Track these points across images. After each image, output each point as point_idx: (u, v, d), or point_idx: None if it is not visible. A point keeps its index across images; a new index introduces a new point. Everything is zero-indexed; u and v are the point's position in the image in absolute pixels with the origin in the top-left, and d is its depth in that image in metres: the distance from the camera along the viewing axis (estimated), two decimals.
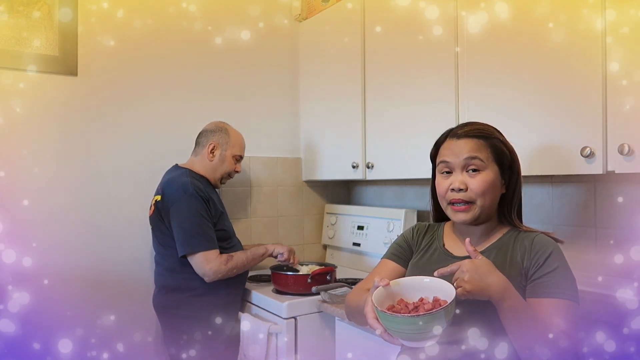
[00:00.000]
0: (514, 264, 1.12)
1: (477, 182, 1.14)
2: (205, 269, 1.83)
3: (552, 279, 1.08)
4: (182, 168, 2.02)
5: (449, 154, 1.18)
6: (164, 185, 1.94)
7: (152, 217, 1.96)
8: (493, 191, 1.15)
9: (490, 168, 1.15)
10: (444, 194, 1.19)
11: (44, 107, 1.97)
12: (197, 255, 1.83)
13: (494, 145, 1.16)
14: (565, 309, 1.05)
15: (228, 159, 2.06)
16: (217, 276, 1.84)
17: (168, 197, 1.89)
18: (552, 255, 1.09)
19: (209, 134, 2.06)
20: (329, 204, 2.66)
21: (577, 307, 1.07)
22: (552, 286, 1.07)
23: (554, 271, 1.08)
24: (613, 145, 1.29)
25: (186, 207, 1.85)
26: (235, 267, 1.88)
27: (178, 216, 1.86)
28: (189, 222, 1.84)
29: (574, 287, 1.08)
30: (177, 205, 1.86)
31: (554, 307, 1.05)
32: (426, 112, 1.83)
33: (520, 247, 1.14)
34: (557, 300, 1.06)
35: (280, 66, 2.55)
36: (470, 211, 1.15)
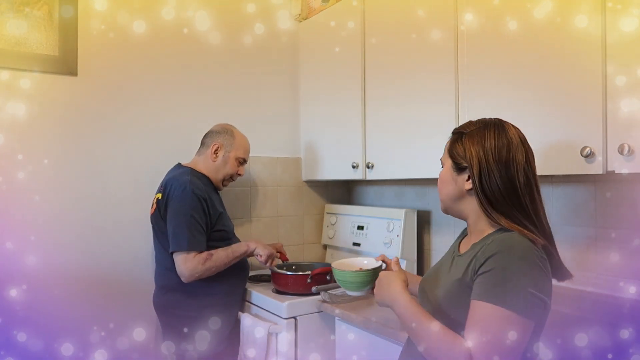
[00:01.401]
0: (469, 269, 1.08)
1: (438, 179, 1.24)
2: (182, 269, 1.83)
3: (482, 280, 1.02)
4: (185, 167, 2.02)
5: None
6: (165, 184, 1.94)
7: (153, 215, 1.97)
8: (445, 186, 1.20)
9: (446, 164, 1.20)
10: None
11: (44, 107, 1.97)
12: (178, 255, 1.84)
13: (452, 140, 1.20)
14: (482, 311, 0.99)
15: (231, 160, 2.06)
16: (194, 276, 1.84)
17: (167, 195, 1.89)
18: (495, 256, 1.01)
19: (214, 135, 2.07)
20: (329, 204, 2.66)
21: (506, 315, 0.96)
22: (478, 288, 1.02)
23: (487, 272, 1.01)
24: (613, 145, 1.29)
25: (180, 206, 1.86)
26: (214, 265, 1.87)
27: (172, 214, 1.87)
28: (178, 221, 1.85)
29: (510, 293, 0.97)
30: (173, 203, 1.87)
31: (472, 310, 1.01)
32: (426, 112, 1.84)
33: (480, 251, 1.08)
34: (475, 302, 1.01)
35: (280, 66, 2.55)
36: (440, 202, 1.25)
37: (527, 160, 1.11)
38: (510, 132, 1.13)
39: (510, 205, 1.09)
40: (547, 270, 1.04)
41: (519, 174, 1.10)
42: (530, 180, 1.11)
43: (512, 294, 0.97)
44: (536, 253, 1.03)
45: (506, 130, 1.13)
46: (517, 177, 1.09)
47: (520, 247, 1.02)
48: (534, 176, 1.12)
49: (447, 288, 1.13)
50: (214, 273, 1.88)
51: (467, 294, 1.05)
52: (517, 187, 1.09)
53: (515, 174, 1.09)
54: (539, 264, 1.01)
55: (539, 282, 1.00)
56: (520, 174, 1.10)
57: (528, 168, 1.11)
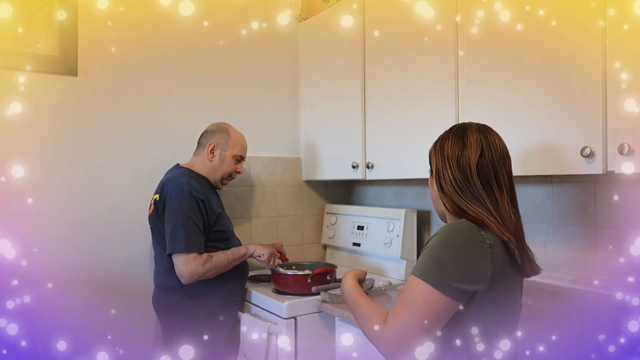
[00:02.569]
0: None
1: None
2: (182, 270, 1.82)
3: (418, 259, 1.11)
4: (183, 168, 2.02)
5: None
6: (162, 185, 1.94)
7: (151, 216, 1.96)
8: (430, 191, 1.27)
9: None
10: None
11: (44, 107, 1.97)
12: (177, 256, 1.83)
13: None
14: (409, 284, 1.08)
15: (228, 159, 2.05)
16: (194, 277, 1.83)
17: (165, 196, 1.89)
18: (433, 238, 1.10)
19: (209, 134, 2.06)
20: (329, 204, 2.66)
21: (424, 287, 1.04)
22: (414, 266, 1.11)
23: (423, 250, 1.11)
24: (613, 145, 1.29)
25: (177, 207, 1.85)
26: (214, 267, 1.86)
27: (169, 215, 1.86)
28: (176, 222, 1.84)
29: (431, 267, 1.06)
30: (171, 205, 1.86)
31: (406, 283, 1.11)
32: (426, 112, 1.84)
33: None
34: (410, 277, 1.10)
35: (280, 66, 2.55)
36: None
37: (483, 156, 1.15)
38: (469, 134, 1.19)
39: (467, 199, 1.14)
40: (487, 254, 1.06)
41: (471, 169, 1.15)
42: (487, 175, 1.15)
43: (432, 269, 1.05)
44: (474, 236, 1.07)
45: (466, 132, 1.19)
46: (470, 172, 1.15)
47: (457, 230, 1.09)
48: (495, 172, 1.16)
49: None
50: (214, 275, 1.88)
51: None
52: (471, 182, 1.15)
53: (468, 169, 1.15)
54: (474, 247, 1.06)
55: (469, 263, 1.06)
56: (473, 169, 1.15)
57: (485, 163, 1.15)
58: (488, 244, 1.06)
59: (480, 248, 1.06)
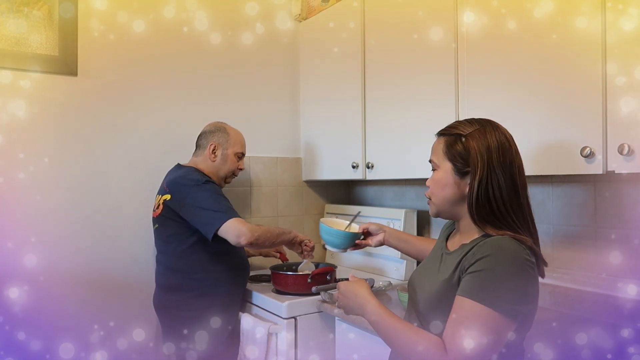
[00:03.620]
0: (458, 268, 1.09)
1: (430, 181, 1.21)
2: (242, 229, 1.76)
3: (473, 278, 1.02)
4: (186, 166, 2.02)
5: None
6: (172, 184, 1.92)
7: (158, 216, 1.94)
8: (442, 189, 1.16)
9: (442, 166, 1.16)
10: None
11: (44, 107, 1.97)
12: (227, 224, 1.77)
13: (448, 143, 1.16)
14: (473, 312, 0.99)
15: (230, 157, 2.06)
16: (254, 234, 1.77)
17: (180, 192, 1.87)
18: (487, 258, 1.02)
19: (208, 135, 2.06)
20: (329, 204, 2.66)
21: (495, 316, 0.98)
22: (466, 285, 1.03)
23: (479, 272, 1.01)
24: (613, 145, 1.29)
25: (202, 191, 1.84)
26: (268, 230, 1.86)
27: (196, 202, 1.83)
28: (208, 202, 1.82)
29: (501, 296, 0.99)
30: (193, 195, 1.84)
31: (460, 306, 1.02)
32: (426, 112, 1.84)
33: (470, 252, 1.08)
34: (461, 298, 1.02)
35: (280, 66, 2.55)
36: (430, 206, 1.23)
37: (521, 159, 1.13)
38: (506, 133, 1.14)
39: (510, 207, 1.09)
40: (535, 272, 1.05)
41: (520, 175, 1.11)
42: (525, 179, 1.13)
43: (499, 296, 0.99)
44: (525, 257, 1.03)
45: (502, 130, 1.14)
46: (519, 178, 1.10)
47: (510, 251, 1.03)
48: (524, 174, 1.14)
49: (436, 287, 1.14)
50: (266, 242, 1.84)
51: (453, 293, 1.06)
52: (518, 189, 1.10)
53: (517, 176, 1.10)
54: (526, 268, 1.02)
55: (525, 285, 1.02)
56: (521, 174, 1.11)
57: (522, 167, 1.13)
58: (535, 263, 1.05)
59: (530, 269, 1.03)
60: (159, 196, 1.96)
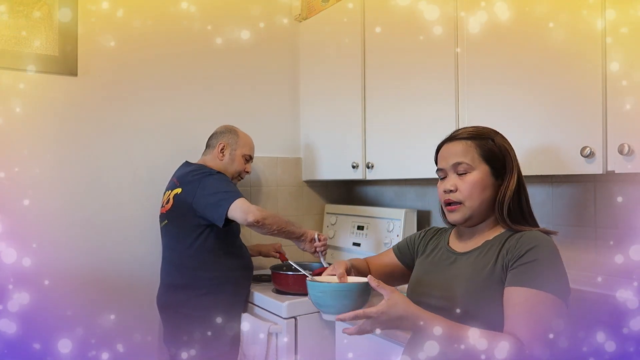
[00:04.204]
0: (499, 262, 1.11)
1: (464, 184, 1.18)
2: (250, 208, 1.76)
3: (528, 269, 1.05)
4: (195, 163, 2.05)
5: (441, 160, 1.25)
6: (181, 178, 1.95)
7: (168, 212, 1.96)
8: (482, 191, 1.17)
9: (478, 169, 1.18)
10: (440, 197, 1.25)
11: (44, 107, 1.97)
12: (236, 202, 1.78)
13: (482, 146, 1.19)
14: (533, 298, 1.02)
15: (238, 158, 2.08)
16: (263, 213, 1.78)
17: (192, 184, 1.89)
18: (535, 248, 1.07)
19: (218, 135, 2.10)
20: (329, 204, 2.66)
21: (557, 302, 1.02)
22: (526, 275, 1.05)
23: (532, 262, 1.05)
24: (613, 145, 1.29)
25: (213, 180, 1.88)
26: (276, 215, 1.87)
27: (206, 189, 1.85)
28: (218, 186, 1.85)
29: (558, 281, 1.05)
30: (204, 182, 1.87)
31: (519, 295, 1.03)
32: (426, 112, 1.84)
33: (510, 244, 1.13)
34: (527, 289, 1.03)
35: (280, 66, 2.55)
36: (459, 211, 1.19)
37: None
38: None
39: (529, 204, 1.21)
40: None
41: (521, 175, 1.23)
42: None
43: (554, 281, 1.05)
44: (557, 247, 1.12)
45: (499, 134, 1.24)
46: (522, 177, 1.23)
47: (549, 241, 1.11)
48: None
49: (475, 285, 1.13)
50: (273, 226, 1.82)
51: (495, 288, 1.09)
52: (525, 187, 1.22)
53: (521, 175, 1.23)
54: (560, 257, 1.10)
55: (565, 271, 1.09)
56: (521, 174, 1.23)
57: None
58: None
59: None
60: (169, 192, 1.97)
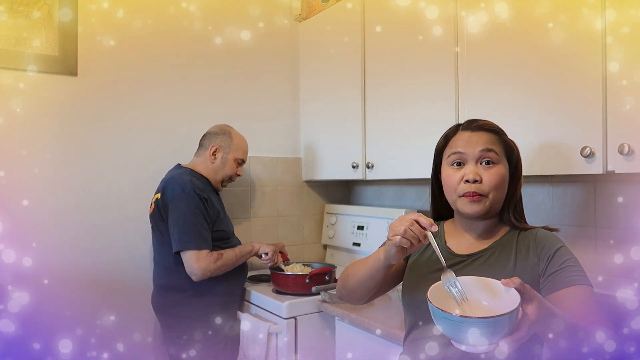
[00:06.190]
0: (523, 260, 1.12)
1: (491, 175, 1.13)
2: (194, 267, 1.83)
3: (567, 270, 1.08)
4: (184, 167, 2.03)
5: (464, 145, 1.16)
6: (164, 184, 1.95)
7: (152, 215, 1.97)
8: (504, 186, 1.16)
9: (502, 163, 1.16)
10: (455, 186, 1.15)
11: (44, 107, 1.97)
12: (188, 253, 1.84)
13: (505, 142, 1.20)
14: (587, 293, 1.06)
15: (230, 162, 2.06)
16: (206, 274, 1.84)
17: (167, 195, 1.89)
18: (560, 249, 1.11)
19: (212, 136, 2.07)
20: (329, 204, 2.66)
21: (593, 290, 1.08)
22: (569, 276, 1.08)
23: (566, 261, 1.09)
24: (613, 145, 1.29)
25: (183, 205, 1.86)
26: (224, 264, 1.88)
27: (175, 213, 1.86)
28: (184, 219, 1.85)
29: (585, 273, 1.10)
30: (175, 203, 1.87)
31: (575, 294, 1.06)
32: (426, 112, 1.83)
33: (523, 244, 1.15)
34: (577, 287, 1.06)
35: (280, 66, 2.55)
36: (481, 203, 1.13)
37: None
38: None
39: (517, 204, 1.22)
40: None
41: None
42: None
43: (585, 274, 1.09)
44: None
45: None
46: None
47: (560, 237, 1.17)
48: None
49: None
50: (223, 272, 1.89)
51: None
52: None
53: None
54: None
55: None
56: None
57: None
58: None
59: None
60: (155, 195, 1.97)
